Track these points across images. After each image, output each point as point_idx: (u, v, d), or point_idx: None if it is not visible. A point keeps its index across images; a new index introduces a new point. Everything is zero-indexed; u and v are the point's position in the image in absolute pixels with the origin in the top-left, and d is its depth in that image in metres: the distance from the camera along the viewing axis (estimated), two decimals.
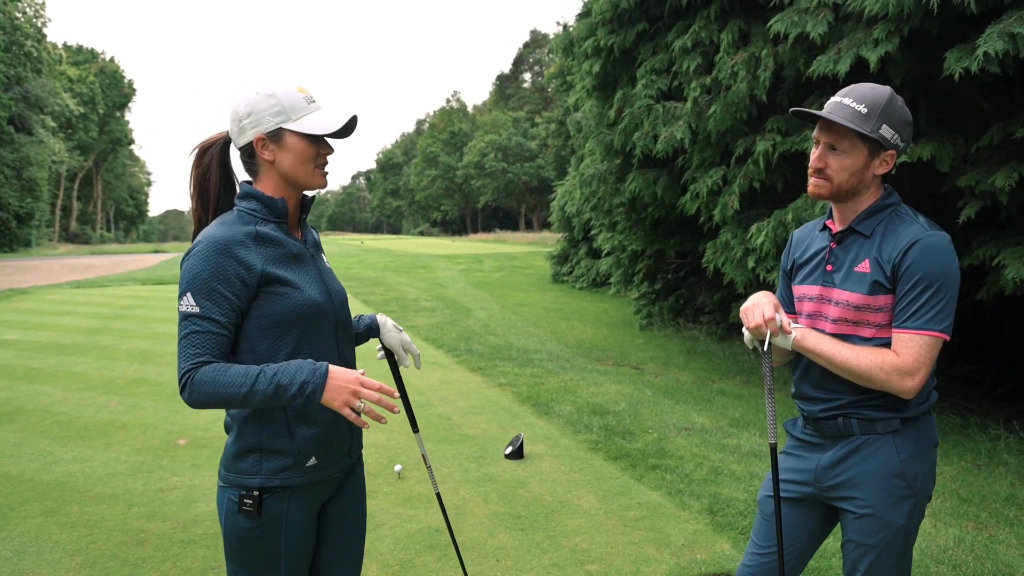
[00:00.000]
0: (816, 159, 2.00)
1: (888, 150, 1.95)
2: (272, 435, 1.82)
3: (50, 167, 49.91)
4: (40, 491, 4.54)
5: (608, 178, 9.90)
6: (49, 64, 52.14)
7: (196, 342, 1.71)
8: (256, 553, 1.86)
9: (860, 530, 2.01)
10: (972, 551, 3.89)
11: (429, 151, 78.89)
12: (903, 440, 1.98)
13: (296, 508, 1.87)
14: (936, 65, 5.19)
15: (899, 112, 1.94)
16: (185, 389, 1.71)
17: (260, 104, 1.83)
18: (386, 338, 2.23)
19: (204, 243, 1.75)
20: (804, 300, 2.13)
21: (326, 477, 1.93)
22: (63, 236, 62.31)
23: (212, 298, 1.72)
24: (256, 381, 1.69)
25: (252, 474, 1.82)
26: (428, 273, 24.01)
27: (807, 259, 2.15)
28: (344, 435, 1.96)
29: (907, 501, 1.97)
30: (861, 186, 1.99)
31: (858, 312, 1.97)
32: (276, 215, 1.88)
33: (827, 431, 2.07)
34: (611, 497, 4.57)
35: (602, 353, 10.54)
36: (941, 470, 5.32)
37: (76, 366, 8.33)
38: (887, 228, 1.97)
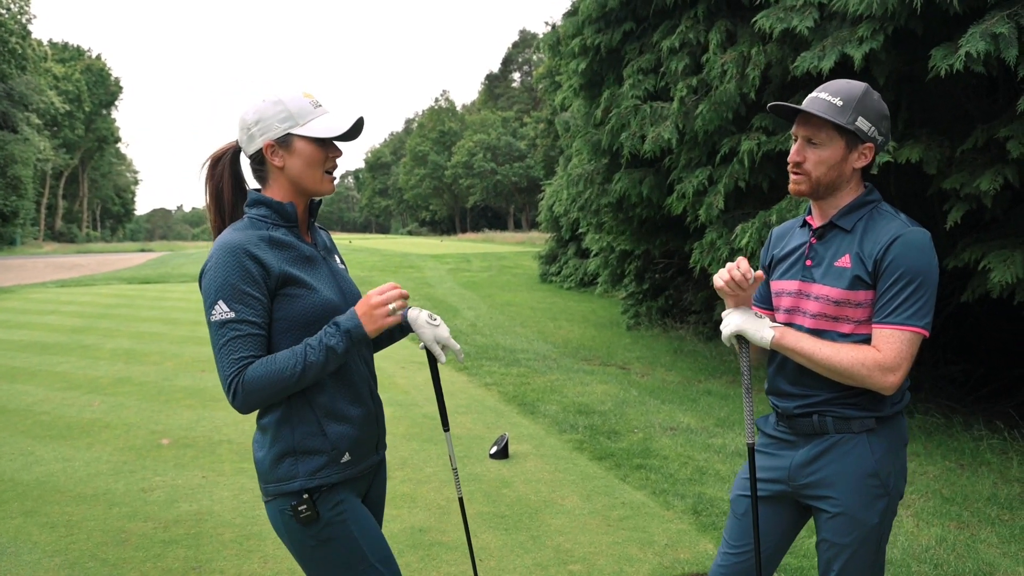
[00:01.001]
0: (794, 153, 2.00)
1: (866, 143, 1.95)
2: (305, 435, 1.84)
3: (35, 165, 49.43)
4: (20, 491, 4.49)
5: (595, 178, 9.90)
6: (34, 61, 51.65)
7: (238, 346, 1.73)
8: (336, 555, 1.85)
9: (834, 529, 2.00)
10: (954, 550, 3.91)
11: (418, 150, 78.77)
12: (877, 439, 1.98)
13: (350, 499, 1.89)
14: (921, 65, 5.22)
15: (875, 105, 1.95)
16: (235, 394, 1.72)
17: (268, 111, 1.86)
18: (419, 334, 2.16)
19: (221, 250, 1.77)
20: (782, 295, 2.12)
21: (359, 473, 1.95)
22: (49, 235, 61.77)
23: (244, 301, 1.75)
24: (306, 355, 1.74)
25: (290, 479, 1.83)
26: (416, 273, 23.97)
27: (786, 254, 2.15)
28: (372, 431, 1.99)
29: (881, 500, 1.98)
30: (840, 180, 1.99)
31: (838, 307, 1.96)
32: (286, 220, 1.90)
33: (801, 428, 2.06)
34: (595, 497, 4.57)
35: (589, 353, 10.55)
36: (924, 470, 5.35)
37: (59, 365, 8.26)
38: (868, 224, 1.96)
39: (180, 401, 6.73)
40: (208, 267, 1.78)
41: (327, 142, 1.89)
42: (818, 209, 2.07)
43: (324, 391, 1.86)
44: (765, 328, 1.94)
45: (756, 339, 1.93)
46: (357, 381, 1.95)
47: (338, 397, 1.89)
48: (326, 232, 2.14)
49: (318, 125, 1.87)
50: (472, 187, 72.11)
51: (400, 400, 6.93)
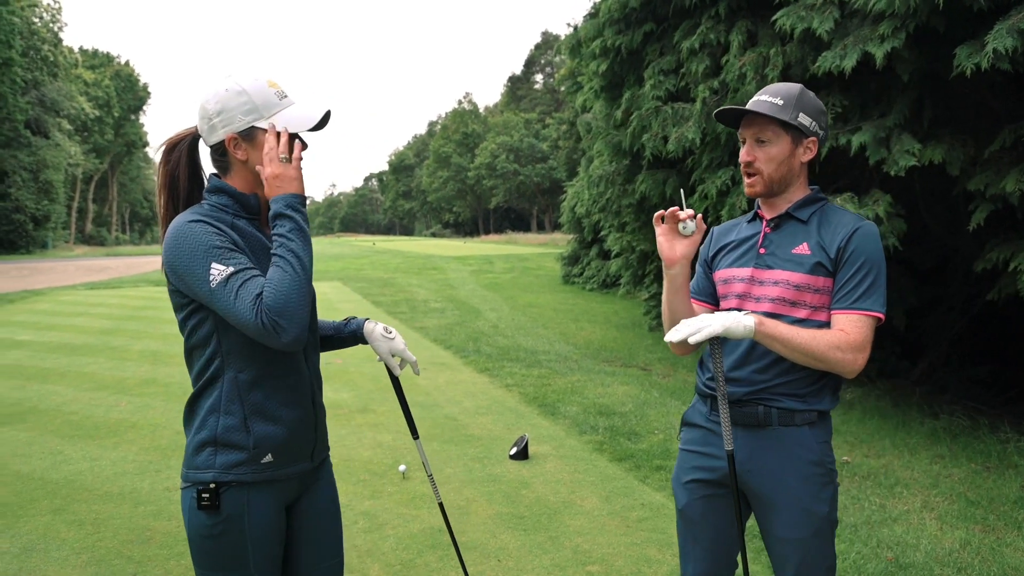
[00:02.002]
0: (744, 153, 2.09)
1: (809, 137, 2.07)
2: (228, 429, 1.77)
3: (66, 170, 50.37)
4: (49, 489, 4.59)
5: (617, 179, 9.87)
6: (65, 68, 52.72)
7: (249, 288, 1.65)
8: (221, 552, 1.80)
9: (789, 525, 2.02)
10: (978, 554, 3.86)
11: (441, 152, 79.11)
12: (817, 431, 2.05)
13: (258, 502, 1.81)
14: (944, 63, 5.15)
15: (812, 102, 2.06)
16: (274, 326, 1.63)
17: (230, 102, 1.78)
18: (374, 347, 2.20)
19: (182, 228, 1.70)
20: (733, 282, 2.14)
21: (284, 476, 1.86)
22: (79, 238, 62.88)
23: (232, 254, 1.69)
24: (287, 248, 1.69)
25: (206, 469, 1.78)
26: (439, 274, 24.05)
27: (735, 244, 2.20)
28: (307, 437, 1.92)
29: (828, 488, 2.03)
30: (791, 175, 2.08)
31: (797, 292, 2.01)
32: (248, 211, 1.85)
33: (743, 419, 2.06)
34: (614, 498, 4.57)
35: (610, 354, 10.52)
36: (949, 472, 5.28)
37: (88, 366, 8.41)
38: (822, 217, 2.08)
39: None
40: (175, 246, 1.69)
41: (292, 136, 1.82)
42: (769, 205, 2.15)
43: (258, 388, 1.80)
44: (743, 318, 1.90)
45: (740, 331, 1.88)
46: (297, 383, 1.88)
47: (272, 397, 1.81)
48: None
49: (284, 117, 1.80)
50: (495, 188, 72.28)
51: (421, 401, 6.97)
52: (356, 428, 5.97)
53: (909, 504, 4.60)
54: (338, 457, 5.18)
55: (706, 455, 2.15)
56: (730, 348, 2.09)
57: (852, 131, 5.88)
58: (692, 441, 2.21)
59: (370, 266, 27.05)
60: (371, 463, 5.17)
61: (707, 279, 2.27)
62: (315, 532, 2.00)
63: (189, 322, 1.79)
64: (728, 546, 2.17)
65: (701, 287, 2.28)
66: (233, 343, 1.78)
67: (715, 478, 2.12)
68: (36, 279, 21.88)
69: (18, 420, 6.16)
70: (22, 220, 43.55)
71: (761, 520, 2.11)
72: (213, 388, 1.80)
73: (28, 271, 26.17)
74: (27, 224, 44.06)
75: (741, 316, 1.90)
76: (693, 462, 2.19)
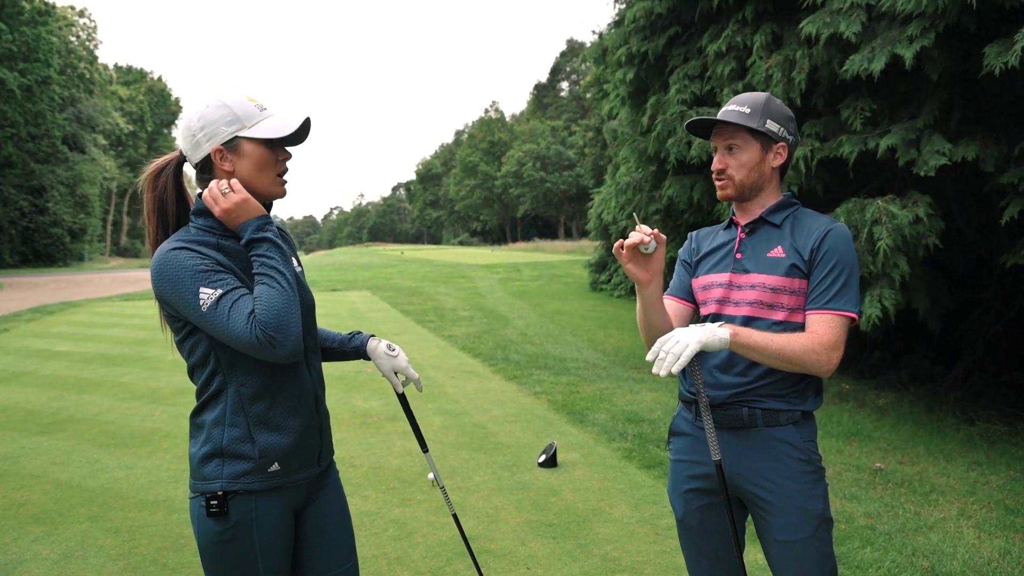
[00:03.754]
0: (716, 161, 2.15)
1: (778, 143, 2.12)
2: (233, 440, 1.81)
3: (101, 184, 51.47)
4: (87, 497, 4.69)
5: (644, 185, 9.87)
6: (100, 84, 53.95)
7: (240, 307, 1.69)
8: (231, 559, 1.83)
9: (785, 527, 2.02)
10: (1019, 563, 3.78)
11: (468, 161, 79.42)
12: (802, 430, 2.06)
13: (266, 509, 1.84)
14: (975, 62, 5.08)
15: (779, 108, 2.12)
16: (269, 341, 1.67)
17: (212, 115, 1.82)
18: (376, 364, 2.24)
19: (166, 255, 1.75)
20: (712, 287, 2.17)
21: (292, 483, 1.90)
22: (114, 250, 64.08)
23: (220, 276, 1.73)
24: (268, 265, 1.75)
25: (214, 479, 1.81)
26: (467, 283, 24.12)
27: (712, 250, 2.23)
28: (313, 443, 1.95)
29: (818, 485, 2.04)
30: (762, 180, 2.13)
31: (774, 294, 2.04)
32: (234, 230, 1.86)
33: (728, 422, 2.07)
34: (644, 505, 4.55)
35: (639, 361, 10.47)
36: (987, 479, 5.17)
37: (123, 376, 8.57)
38: (795, 221, 2.12)
39: None
40: (161, 276, 1.74)
41: (276, 144, 1.87)
42: (743, 211, 2.19)
43: (261, 399, 1.83)
44: (719, 330, 1.91)
45: (717, 344, 1.90)
46: (300, 392, 1.91)
47: (275, 406, 1.85)
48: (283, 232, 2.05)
49: (266, 126, 1.84)
50: (522, 196, 72.36)
51: (450, 409, 7.00)
52: (386, 436, 6.01)
53: (945, 512, 4.52)
54: (368, 465, 5.22)
55: (696, 463, 2.15)
56: (714, 353, 2.10)
57: (881, 134, 5.82)
58: (681, 451, 2.22)
59: (398, 275, 27.23)
60: (400, 471, 5.20)
61: (686, 276, 2.30)
62: (326, 537, 2.03)
63: (187, 343, 1.83)
64: (731, 554, 2.16)
65: (678, 284, 2.32)
66: (232, 359, 1.81)
67: (708, 486, 2.12)
68: (73, 291, 22.36)
69: (57, 429, 6.30)
70: (59, 233, 44.54)
71: (758, 525, 2.11)
72: (217, 402, 1.84)
73: (65, 283, 26.75)
74: (64, 237, 45.05)
75: (716, 329, 1.91)
76: (685, 471, 2.19)
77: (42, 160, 43.77)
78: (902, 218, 5.58)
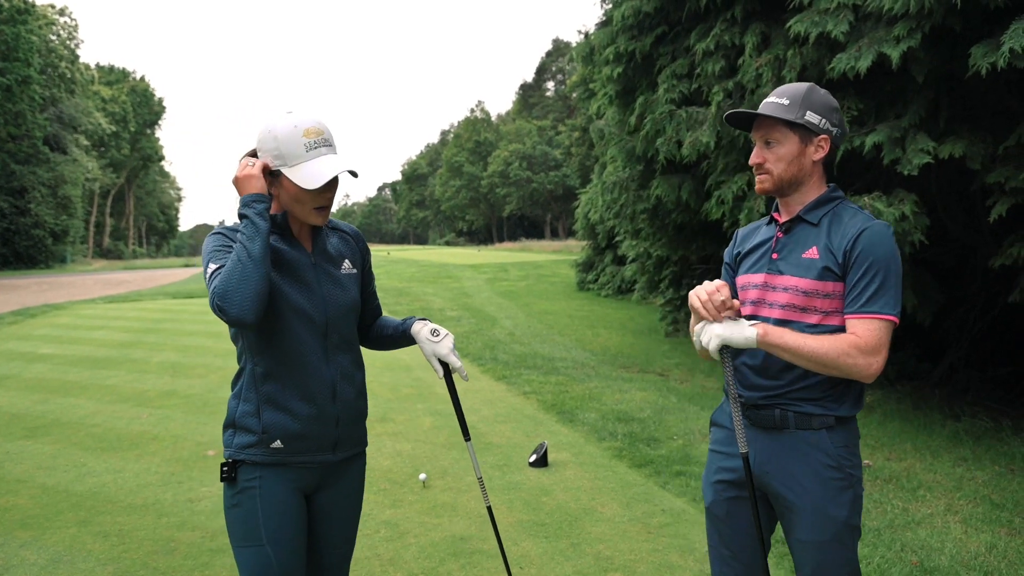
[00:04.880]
0: (754, 156, 2.11)
1: (819, 135, 2.05)
2: (244, 414, 2.02)
3: (84, 185, 50.96)
4: (74, 501, 4.64)
5: (630, 185, 9.88)
6: (82, 84, 53.38)
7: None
8: (240, 524, 2.00)
9: (807, 528, 2.03)
10: (1005, 557, 3.82)
11: (454, 161, 79.26)
12: (836, 435, 2.03)
13: (269, 480, 2.01)
14: (960, 63, 5.12)
15: (822, 99, 2.06)
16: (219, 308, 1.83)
17: (266, 143, 2.00)
18: (420, 347, 2.29)
19: (208, 237, 2.02)
20: (748, 288, 2.16)
21: (299, 463, 2.04)
22: (97, 252, 63.52)
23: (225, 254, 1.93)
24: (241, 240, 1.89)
25: (227, 447, 2.05)
26: (454, 283, 24.10)
27: (751, 249, 2.22)
28: (325, 432, 2.07)
29: (847, 492, 2.02)
30: (802, 174, 2.08)
31: (807, 298, 2.01)
32: (276, 227, 2.06)
33: (761, 421, 2.09)
34: (635, 504, 4.56)
35: (627, 360, 10.50)
36: (973, 475, 5.23)
37: (109, 379, 8.49)
38: (833, 219, 2.05)
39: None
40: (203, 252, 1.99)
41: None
42: (784, 206, 2.15)
43: (271, 380, 2.01)
44: (746, 329, 1.93)
45: (741, 342, 1.92)
46: (312, 381, 2.03)
47: (285, 390, 2.01)
48: (347, 238, 2.24)
49: (304, 173, 1.95)
50: (508, 196, 72.32)
51: (440, 410, 6.99)
52: (376, 437, 5.99)
53: (933, 507, 4.56)
54: None
55: (729, 455, 2.17)
56: (751, 354, 2.10)
57: (867, 133, 5.86)
58: (718, 441, 2.24)
59: (385, 275, 27.15)
60: (391, 472, 5.18)
61: (730, 279, 2.29)
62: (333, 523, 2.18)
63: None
64: (755, 549, 2.17)
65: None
66: (250, 339, 2.02)
67: (737, 479, 2.14)
68: (56, 293, 22.12)
69: (43, 433, 6.23)
70: (41, 235, 44.08)
71: (783, 522, 2.13)
72: (240, 378, 2.06)
73: (48, 285, 26.47)
74: (46, 239, 44.58)
75: (744, 327, 1.92)
76: (719, 462, 2.21)
77: (23, 161, 43.28)
78: (888, 215, 5.62)
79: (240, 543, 2.00)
